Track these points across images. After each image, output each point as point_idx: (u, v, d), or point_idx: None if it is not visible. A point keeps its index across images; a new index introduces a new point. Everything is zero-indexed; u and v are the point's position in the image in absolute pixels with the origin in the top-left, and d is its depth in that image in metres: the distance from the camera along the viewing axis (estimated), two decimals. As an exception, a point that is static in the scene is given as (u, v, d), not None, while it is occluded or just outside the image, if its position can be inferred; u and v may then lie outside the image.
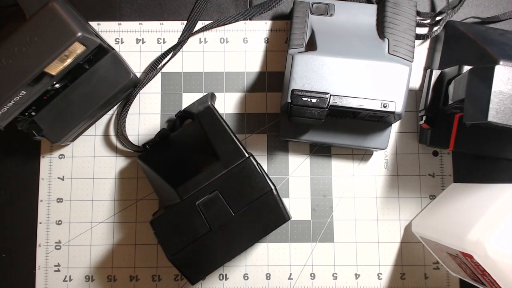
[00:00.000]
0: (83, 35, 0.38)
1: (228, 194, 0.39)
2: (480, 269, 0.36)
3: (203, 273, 0.39)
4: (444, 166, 0.47)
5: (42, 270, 0.46)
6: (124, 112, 0.47)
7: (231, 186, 0.39)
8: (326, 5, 0.45)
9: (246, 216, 0.38)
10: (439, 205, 0.45)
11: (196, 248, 0.38)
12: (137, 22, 0.49)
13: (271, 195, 0.39)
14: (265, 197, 0.39)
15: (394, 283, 0.46)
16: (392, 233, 0.47)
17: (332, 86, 0.39)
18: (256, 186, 0.39)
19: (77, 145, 0.47)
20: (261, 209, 0.38)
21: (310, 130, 0.44)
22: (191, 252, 0.38)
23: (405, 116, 0.48)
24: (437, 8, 0.49)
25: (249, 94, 0.48)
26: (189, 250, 0.38)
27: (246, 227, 0.38)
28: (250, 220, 0.38)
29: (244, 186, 0.39)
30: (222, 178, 0.39)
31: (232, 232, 0.38)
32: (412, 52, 0.42)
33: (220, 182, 0.39)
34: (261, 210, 0.38)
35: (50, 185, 0.47)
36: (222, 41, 0.49)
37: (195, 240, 0.38)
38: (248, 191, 0.39)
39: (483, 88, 0.34)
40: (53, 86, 0.42)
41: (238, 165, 0.39)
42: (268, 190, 0.39)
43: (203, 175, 0.39)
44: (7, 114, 0.39)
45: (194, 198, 0.39)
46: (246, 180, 0.39)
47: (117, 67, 0.44)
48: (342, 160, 0.48)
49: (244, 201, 0.38)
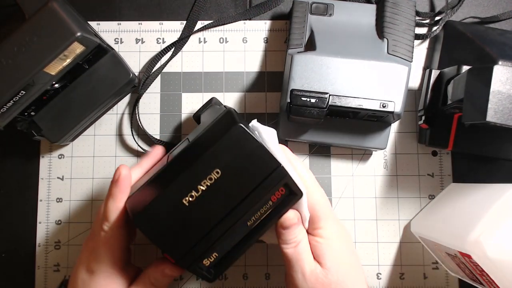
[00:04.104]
0: (82, 35, 0.38)
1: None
2: (479, 269, 0.36)
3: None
4: (443, 166, 0.47)
5: (41, 269, 0.46)
6: (135, 112, 0.47)
7: None
8: (325, 5, 0.45)
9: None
10: (438, 205, 0.45)
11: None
12: (137, 22, 0.49)
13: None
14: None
15: (393, 283, 0.46)
16: (391, 233, 0.47)
17: (331, 86, 0.39)
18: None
19: (77, 145, 0.48)
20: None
21: (309, 130, 0.45)
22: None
23: (404, 116, 0.48)
24: (436, 8, 0.49)
25: (249, 94, 0.48)
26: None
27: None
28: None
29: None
30: None
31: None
32: (411, 52, 0.43)
33: None
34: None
35: (49, 185, 0.47)
36: (222, 41, 0.49)
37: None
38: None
39: (482, 88, 0.34)
40: (53, 86, 0.42)
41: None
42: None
43: None
44: (6, 114, 0.39)
45: None
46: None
47: (117, 67, 0.44)
48: (341, 160, 0.48)
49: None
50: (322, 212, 0.35)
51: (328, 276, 0.33)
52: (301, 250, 0.34)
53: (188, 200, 0.30)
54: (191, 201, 0.30)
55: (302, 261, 0.33)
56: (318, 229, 0.35)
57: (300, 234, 0.34)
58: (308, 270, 0.33)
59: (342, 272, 0.34)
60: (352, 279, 0.34)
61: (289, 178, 0.32)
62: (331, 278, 0.33)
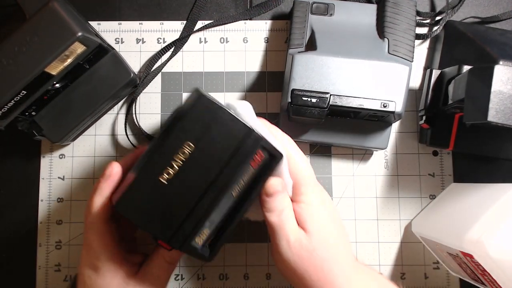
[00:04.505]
0: (83, 35, 0.38)
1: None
2: (480, 269, 0.36)
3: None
4: (444, 166, 0.47)
5: (42, 269, 0.46)
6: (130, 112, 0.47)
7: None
8: (326, 5, 0.45)
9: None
10: (439, 205, 0.45)
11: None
12: (137, 22, 0.49)
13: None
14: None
15: (394, 283, 0.46)
16: (392, 233, 0.47)
17: (332, 85, 0.39)
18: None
19: (78, 145, 0.48)
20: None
21: (310, 129, 0.45)
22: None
23: (405, 116, 0.48)
24: (437, 8, 0.49)
25: (249, 94, 0.48)
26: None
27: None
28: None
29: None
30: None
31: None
32: (412, 52, 0.43)
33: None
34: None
35: (50, 185, 0.47)
36: (222, 41, 0.49)
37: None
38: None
39: (483, 88, 0.34)
40: (53, 86, 0.42)
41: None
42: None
43: None
44: (7, 114, 0.39)
45: None
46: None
47: (117, 67, 0.44)
48: (342, 160, 0.48)
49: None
50: (304, 179, 0.35)
51: (312, 242, 0.33)
52: (285, 218, 0.33)
53: (166, 178, 0.30)
54: (169, 178, 0.30)
55: (286, 229, 0.33)
56: (300, 195, 0.34)
57: (284, 201, 0.34)
58: (292, 238, 0.33)
59: (325, 236, 0.33)
60: (335, 242, 0.34)
61: (264, 141, 0.31)
62: (315, 243, 0.33)
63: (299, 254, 0.33)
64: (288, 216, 0.34)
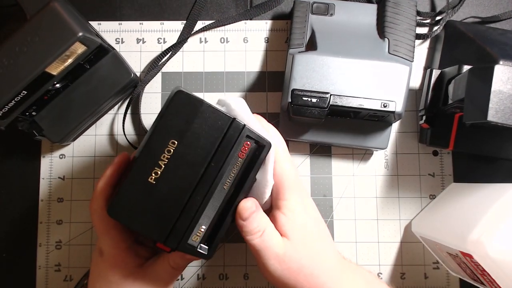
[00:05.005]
0: (84, 35, 0.38)
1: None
2: (480, 269, 0.36)
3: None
4: (444, 165, 0.47)
5: (42, 269, 0.46)
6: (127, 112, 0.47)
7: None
8: (326, 5, 0.45)
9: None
10: (439, 205, 0.45)
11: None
12: (138, 22, 0.49)
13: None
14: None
15: (394, 283, 0.46)
16: (392, 232, 0.47)
17: (333, 85, 0.39)
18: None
19: (78, 145, 0.48)
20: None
21: (310, 129, 0.45)
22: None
23: (405, 115, 0.48)
24: (437, 8, 0.49)
25: (250, 94, 0.48)
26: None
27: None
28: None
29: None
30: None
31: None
32: (412, 51, 0.43)
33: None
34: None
35: (50, 185, 0.47)
36: (223, 41, 0.49)
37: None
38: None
39: (483, 87, 0.34)
40: (54, 86, 0.42)
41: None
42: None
43: None
44: (8, 114, 0.39)
45: None
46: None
47: (118, 67, 0.44)
48: (342, 159, 0.48)
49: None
50: (287, 182, 0.34)
51: (299, 252, 0.33)
52: (268, 238, 0.32)
53: (154, 178, 0.30)
54: (157, 178, 0.30)
55: (272, 248, 0.32)
56: (282, 200, 0.34)
57: (262, 221, 0.33)
58: (280, 254, 0.32)
59: (311, 244, 0.33)
60: (321, 247, 0.34)
61: (249, 130, 0.31)
62: (302, 252, 0.33)
63: (288, 267, 0.32)
64: (271, 235, 0.33)
